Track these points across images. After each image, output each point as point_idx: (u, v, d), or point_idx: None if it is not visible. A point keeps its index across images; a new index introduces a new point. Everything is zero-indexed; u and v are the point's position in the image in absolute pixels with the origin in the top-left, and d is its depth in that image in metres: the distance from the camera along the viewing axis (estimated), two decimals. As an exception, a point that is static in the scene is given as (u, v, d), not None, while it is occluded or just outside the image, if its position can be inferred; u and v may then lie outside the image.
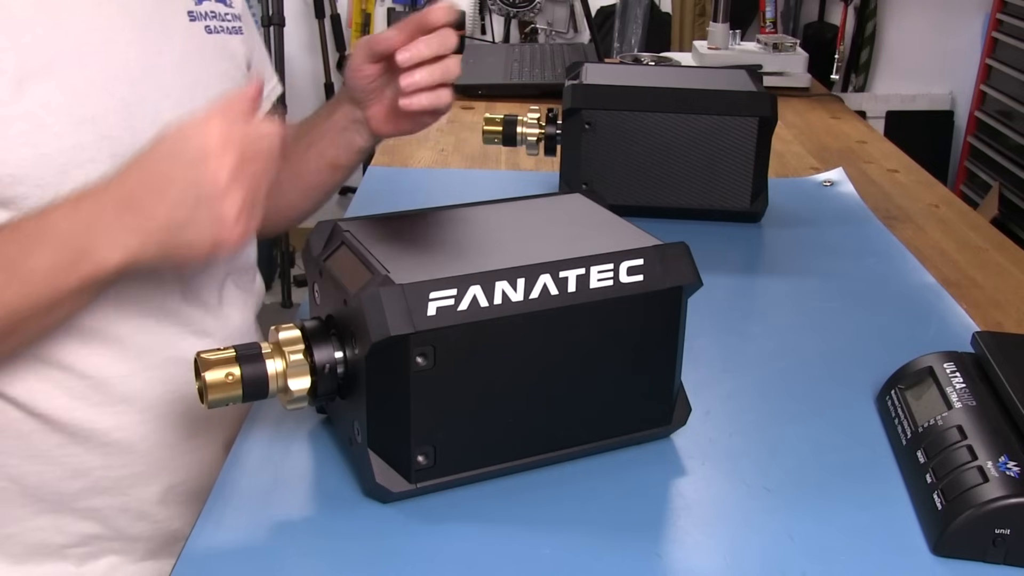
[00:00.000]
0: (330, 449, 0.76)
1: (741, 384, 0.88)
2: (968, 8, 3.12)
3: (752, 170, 1.18)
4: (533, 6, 3.27)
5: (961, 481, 0.67)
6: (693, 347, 0.78)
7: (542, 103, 1.39)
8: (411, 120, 0.98)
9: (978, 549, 0.65)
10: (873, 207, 1.30)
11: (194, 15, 0.89)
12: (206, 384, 0.66)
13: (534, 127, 1.22)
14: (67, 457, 0.84)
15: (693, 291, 0.74)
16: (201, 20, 0.90)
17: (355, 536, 0.67)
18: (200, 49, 0.88)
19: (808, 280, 1.09)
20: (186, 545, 0.66)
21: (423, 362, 0.65)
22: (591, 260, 0.70)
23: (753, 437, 0.80)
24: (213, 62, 0.90)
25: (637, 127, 1.17)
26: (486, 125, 1.24)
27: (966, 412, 0.73)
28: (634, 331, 0.72)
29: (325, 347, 0.69)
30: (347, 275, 0.69)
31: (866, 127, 1.76)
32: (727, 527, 0.70)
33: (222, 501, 0.70)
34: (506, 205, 0.82)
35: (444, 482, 0.70)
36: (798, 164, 1.50)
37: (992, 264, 1.16)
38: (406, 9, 3.35)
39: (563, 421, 0.72)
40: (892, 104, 3.26)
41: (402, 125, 0.98)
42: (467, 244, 0.74)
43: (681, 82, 1.21)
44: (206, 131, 0.68)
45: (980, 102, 2.98)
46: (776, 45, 1.93)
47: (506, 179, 1.42)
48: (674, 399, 0.76)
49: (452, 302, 0.65)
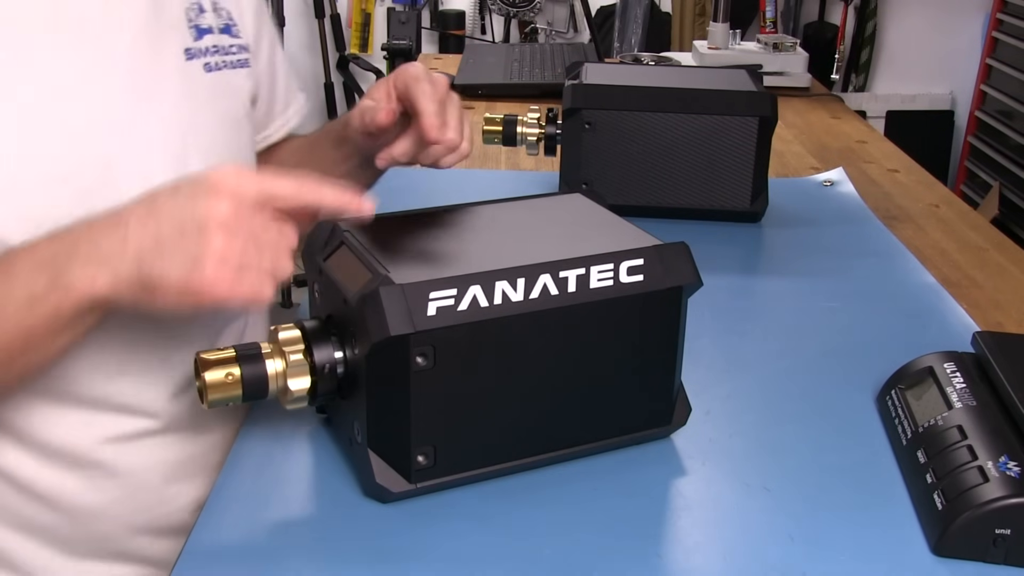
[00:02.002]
0: (330, 449, 0.76)
1: (741, 384, 0.88)
2: (968, 8, 3.12)
3: (752, 170, 1.18)
4: (533, 6, 3.27)
5: (961, 481, 0.67)
6: (693, 347, 0.78)
7: (542, 103, 1.39)
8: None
9: (978, 549, 0.65)
10: (873, 207, 1.30)
11: (192, 52, 0.81)
12: (206, 384, 0.66)
13: (534, 127, 1.22)
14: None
15: (693, 291, 0.74)
16: (200, 57, 0.82)
17: (355, 536, 0.67)
18: (195, 93, 0.81)
19: (808, 280, 1.09)
20: (186, 545, 0.66)
21: (423, 362, 0.65)
22: (591, 260, 0.70)
23: (753, 437, 0.80)
24: (210, 104, 0.82)
25: (637, 127, 1.17)
26: (486, 125, 1.24)
27: (966, 412, 0.73)
28: (634, 331, 0.72)
29: (325, 347, 0.69)
30: (347, 275, 0.69)
31: (866, 127, 1.76)
32: (727, 527, 0.70)
33: (222, 501, 0.71)
34: (506, 205, 0.82)
35: (444, 482, 0.70)
36: (798, 164, 1.50)
37: (992, 264, 1.16)
38: (406, 9, 3.35)
39: (563, 421, 0.72)
40: (892, 104, 3.26)
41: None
42: (467, 244, 0.74)
43: (681, 82, 1.21)
44: (225, 172, 0.64)
45: (980, 102, 2.98)
46: (776, 45, 1.93)
47: (506, 179, 1.42)
48: (674, 399, 0.76)
49: (452, 302, 0.65)
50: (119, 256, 0.63)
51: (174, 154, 0.77)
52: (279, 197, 0.65)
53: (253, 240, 0.63)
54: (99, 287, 0.63)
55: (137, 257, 0.62)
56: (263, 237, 0.64)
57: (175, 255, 0.62)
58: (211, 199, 0.62)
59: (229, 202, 0.62)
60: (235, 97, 0.86)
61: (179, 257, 0.62)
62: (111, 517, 0.81)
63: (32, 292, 0.63)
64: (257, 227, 0.64)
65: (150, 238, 0.62)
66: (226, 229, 0.62)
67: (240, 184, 0.64)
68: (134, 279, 0.63)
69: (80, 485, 0.79)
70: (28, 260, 0.65)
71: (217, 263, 0.61)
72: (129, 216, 0.64)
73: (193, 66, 0.81)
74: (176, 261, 0.62)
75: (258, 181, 0.65)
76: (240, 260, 0.62)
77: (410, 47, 3.22)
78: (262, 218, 0.64)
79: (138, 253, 0.62)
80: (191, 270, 0.61)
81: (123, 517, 0.81)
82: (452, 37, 3.34)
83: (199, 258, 0.61)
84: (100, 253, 0.63)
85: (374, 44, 3.43)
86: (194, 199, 0.62)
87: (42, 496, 0.78)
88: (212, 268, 0.61)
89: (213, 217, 0.62)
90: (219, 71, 0.83)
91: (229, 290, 0.62)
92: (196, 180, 0.64)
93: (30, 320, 0.64)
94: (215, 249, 0.61)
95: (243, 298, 0.63)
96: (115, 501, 0.80)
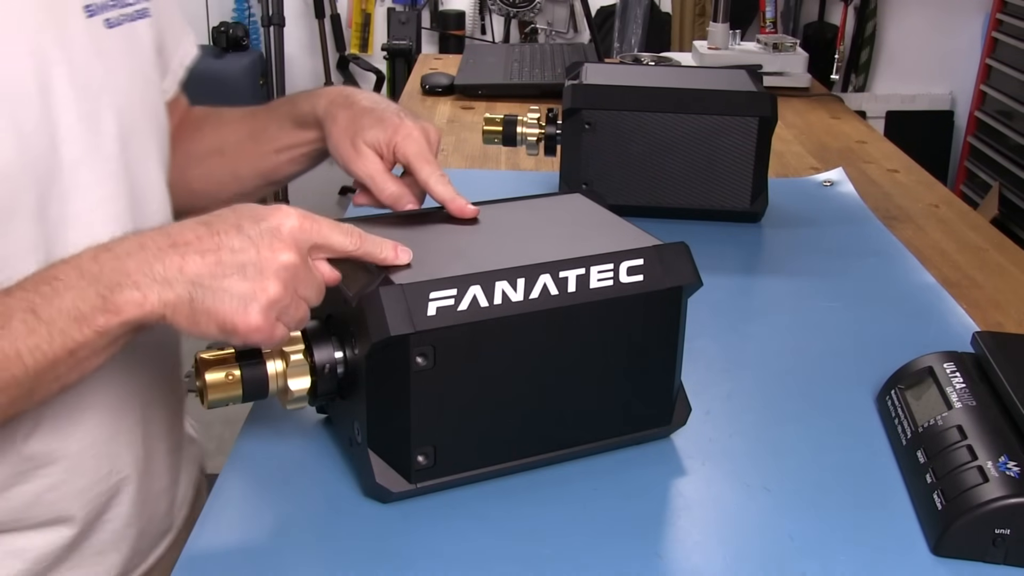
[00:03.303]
0: (330, 449, 0.76)
1: (741, 384, 0.88)
2: (968, 8, 3.13)
3: (752, 170, 1.18)
4: (533, 6, 3.28)
5: (961, 481, 0.67)
6: (693, 347, 0.78)
7: (542, 103, 1.39)
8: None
9: (978, 549, 0.65)
10: (873, 207, 1.30)
11: (92, 9, 0.78)
12: (206, 384, 0.66)
13: (534, 127, 1.22)
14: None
15: (693, 291, 0.74)
16: (100, 13, 0.78)
17: (355, 536, 0.67)
18: (101, 50, 0.78)
19: (808, 280, 1.09)
20: (186, 545, 0.66)
21: (423, 362, 0.65)
22: (591, 260, 0.70)
23: (753, 437, 0.80)
24: (117, 61, 0.80)
25: (637, 127, 1.17)
26: (486, 125, 1.24)
27: (966, 412, 0.73)
28: (634, 331, 0.72)
29: (325, 347, 0.69)
30: (347, 275, 0.69)
31: (866, 127, 1.76)
32: (727, 527, 0.70)
33: (222, 501, 0.71)
34: (506, 205, 0.82)
35: (444, 482, 0.70)
36: (798, 164, 1.50)
37: (992, 264, 1.16)
38: (406, 9, 3.35)
39: (563, 421, 0.72)
40: (892, 104, 3.26)
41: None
42: (467, 244, 0.74)
43: (681, 82, 1.21)
44: (287, 215, 0.65)
45: (980, 102, 2.98)
46: (776, 45, 1.93)
47: (506, 179, 1.42)
48: (674, 399, 0.76)
49: (452, 302, 0.65)
50: (174, 282, 0.62)
51: (83, 116, 0.75)
52: (332, 250, 0.67)
53: (296, 293, 0.65)
54: (148, 309, 0.63)
55: (193, 286, 0.62)
56: (304, 292, 0.65)
57: (231, 293, 0.62)
58: (276, 246, 0.63)
59: (292, 253, 0.64)
60: (140, 51, 0.84)
61: (234, 296, 0.62)
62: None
63: (80, 310, 0.63)
64: (304, 282, 0.65)
65: (208, 271, 0.63)
66: (282, 280, 0.63)
67: (303, 232, 0.65)
68: (184, 306, 0.63)
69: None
70: (74, 274, 0.64)
71: (265, 309, 0.63)
72: (187, 243, 0.63)
73: (94, 23, 0.78)
74: (230, 299, 0.62)
75: (317, 230, 0.66)
76: (282, 312, 0.64)
77: (410, 47, 3.22)
78: (310, 274, 0.66)
79: (195, 282, 0.62)
80: (239, 310, 0.62)
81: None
82: (452, 37, 3.34)
83: (250, 301, 0.62)
84: (152, 275, 0.62)
85: (374, 44, 3.43)
86: (259, 242, 0.63)
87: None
88: (258, 313, 0.63)
89: (275, 265, 0.63)
90: (120, 25, 0.81)
91: (264, 338, 0.64)
92: (258, 217, 0.65)
93: (78, 338, 0.63)
94: (269, 297, 0.63)
95: (266, 345, 0.65)
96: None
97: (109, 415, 0.80)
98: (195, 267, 0.62)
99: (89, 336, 0.63)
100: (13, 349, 0.62)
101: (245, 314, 0.62)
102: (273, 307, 0.63)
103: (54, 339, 0.62)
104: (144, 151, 0.83)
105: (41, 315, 0.62)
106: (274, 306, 0.63)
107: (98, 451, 0.80)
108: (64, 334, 0.62)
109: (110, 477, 0.81)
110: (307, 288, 0.65)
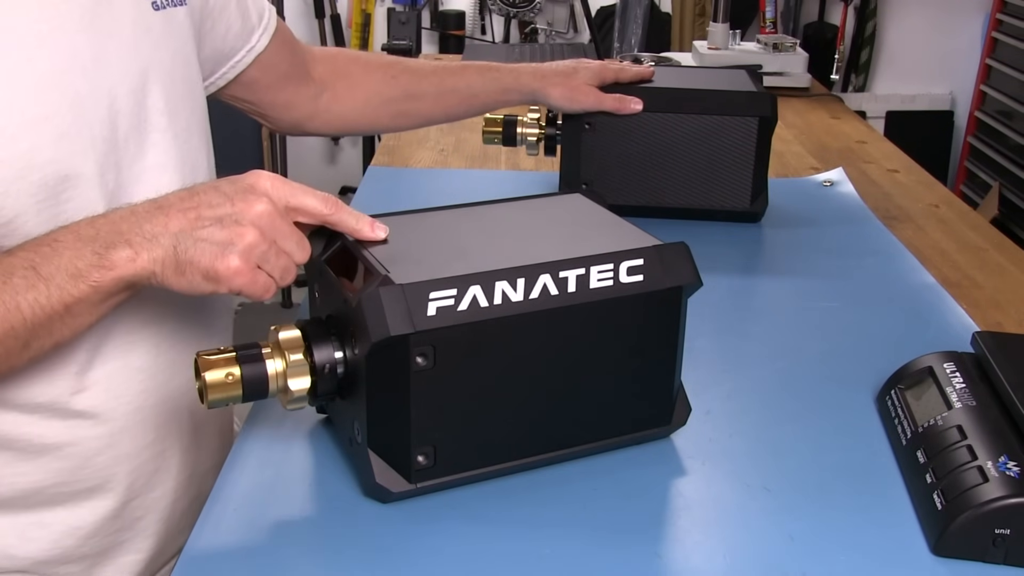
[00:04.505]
0: (330, 449, 0.76)
1: (741, 384, 0.88)
2: (968, 8, 3.12)
3: (752, 170, 1.18)
4: (533, 6, 3.27)
5: (961, 481, 0.67)
6: (693, 347, 0.78)
7: (542, 103, 1.39)
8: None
9: (978, 549, 0.65)
10: (873, 207, 1.30)
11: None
12: (206, 384, 0.66)
13: (534, 127, 1.22)
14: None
15: (693, 291, 0.74)
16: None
17: (355, 536, 0.67)
18: (149, 29, 0.83)
19: (808, 280, 1.09)
20: (186, 545, 0.66)
21: (423, 362, 0.65)
22: (591, 260, 0.70)
23: (753, 437, 0.80)
24: (163, 42, 0.85)
25: (637, 127, 1.17)
26: (486, 125, 1.24)
27: (966, 412, 0.73)
28: (634, 331, 0.72)
29: (325, 347, 0.69)
30: (347, 275, 0.69)
31: (866, 127, 1.76)
32: (727, 527, 0.70)
33: (222, 501, 0.71)
34: (506, 205, 0.82)
35: (444, 482, 0.70)
36: (798, 164, 1.50)
37: (992, 264, 1.16)
38: (406, 9, 3.35)
39: (563, 421, 0.72)
40: (892, 104, 3.26)
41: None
42: (467, 244, 0.74)
43: (681, 82, 1.22)
44: (262, 176, 0.70)
45: (980, 102, 2.98)
46: (776, 45, 1.93)
47: (506, 179, 1.42)
48: (674, 399, 0.76)
49: (452, 302, 0.65)
50: (160, 237, 0.68)
51: (134, 90, 0.80)
52: (306, 212, 0.71)
53: (276, 244, 0.69)
54: (139, 266, 0.67)
55: (176, 238, 0.67)
56: (284, 244, 0.69)
57: (210, 242, 0.67)
58: (250, 198, 0.68)
59: (266, 204, 0.68)
60: (181, 34, 0.88)
61: (213, 244, 0.67)
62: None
63: (77, 267, 0.68)
64: (282, 233, 0.69)
65: (189, 224, 0.68)
66: (258, 227, 0.68)
67: (276, 190, 0.70)
68: (170, 259, 0.67)
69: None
70: (71, 237, 0.69)
71: (243, 255, 0.67)
72: (170, 204, 0.69)
73: (143, 4, 0.83)
74: (209, 247, 0.67)
75: (291, 191, 0.70)
76: (261, 258, 0.68)
77: (410, 47, 3.22)
78: (287, 226, 0.70)
79: (177, 236, 0.68)
80: (219, 255, 0.67)
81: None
82: (452, 37, 3.34)
83: (229, 247, 0.67)
84: (142, 234, 0.68)
85: (374, 44, 3.43)
86: (234, 196, 0.69)
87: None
88: (237, 257, 0.67)
89: (250, 214, 0.68)
90: (164, 9, 0.86)
91: (246, 282, 0.68)
92: (234, 180, 0.70)
93: (74, 293, 0.68)
94: (246, 242, 0.67)
95: (253, 293, 0.69)
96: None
97: (155, 381, 0.84)
98: (177, 222, 0.68)
99: (85, 291, 0.68)
100: (13, 302, 0.67)
101: (224, 259, 0.67)
102: (251, 251, 0.68)
103: (52, 294, 0.68)
104: (188, 127, 0.87)
105: (41, 272, 0.68)
106: (252, 250, 0.68)
107: (144, 416, 0.84)
108: (62, 289, 0.68)
109: (155, 445, 0.85)
110: (286, 240, 0.69)
